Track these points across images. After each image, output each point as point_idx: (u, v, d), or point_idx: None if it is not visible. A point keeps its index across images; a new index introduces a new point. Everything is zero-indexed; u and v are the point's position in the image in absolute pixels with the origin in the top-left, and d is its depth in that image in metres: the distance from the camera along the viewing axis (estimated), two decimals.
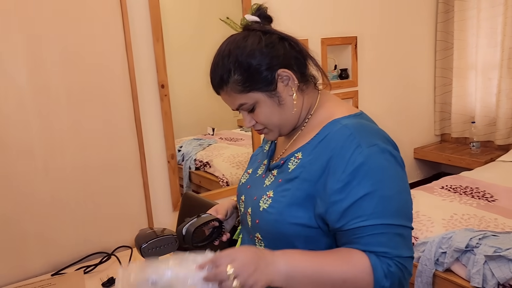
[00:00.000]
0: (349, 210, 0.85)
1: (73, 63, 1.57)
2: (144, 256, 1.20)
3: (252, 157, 1.22)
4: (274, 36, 0.95)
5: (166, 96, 2.35)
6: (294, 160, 0.97)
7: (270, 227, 0.95)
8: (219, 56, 0.95)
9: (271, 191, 0.97)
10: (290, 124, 1.00)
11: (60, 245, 1.60)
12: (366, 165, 0.85)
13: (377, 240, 0.84)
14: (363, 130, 0.90)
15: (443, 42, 3.70)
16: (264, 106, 0.95)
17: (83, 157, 1.61)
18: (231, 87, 0.93)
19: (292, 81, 0.95)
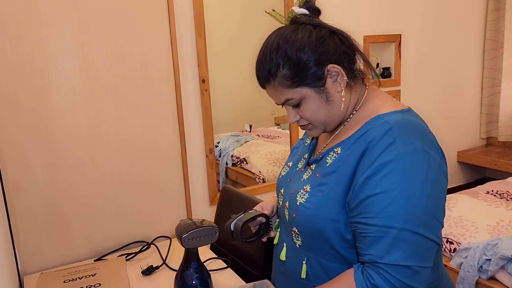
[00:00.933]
0: (363, 203, 0.84)
1: (120, 57, 1.61)
2: (184, 246, 1.21)
3: (293, 150, 1.20)
4: (324, 30, 0.92)
5: (206, 91, 2.37)
6: (332, 155, 0.95)
7: (307, 222, 0.94)
8: (267, 49, 0.93)
9: (308, 185, 0.96)
10: (336, 121, 0.97)
11: (103, 232, 1.65)
12: (394, 163, 0.82)
13: (377, 243, 0.82)
14: (404, 127, 0.87)
15: (492, 41, 3.55)
16: (311, 102, 0.93)
17: (127, 147, 1.66)
18: (278, 82, 0.91)
19: (341, 77, 0.92)
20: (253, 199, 1.63)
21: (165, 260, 1.53)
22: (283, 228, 1.08)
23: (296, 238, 1.00)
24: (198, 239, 1.22)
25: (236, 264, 1.55)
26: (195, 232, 1.21)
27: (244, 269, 1.53)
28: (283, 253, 1.06)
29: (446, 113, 3.48)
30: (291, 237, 1.02)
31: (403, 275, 0.80)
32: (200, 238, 1.23)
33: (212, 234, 1.25)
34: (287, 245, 1.05)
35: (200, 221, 1.27)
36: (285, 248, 1.05)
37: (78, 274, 1.44)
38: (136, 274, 1.46)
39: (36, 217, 1.54)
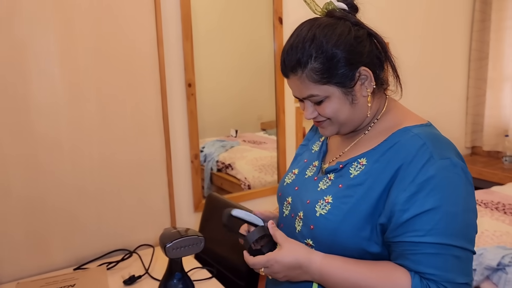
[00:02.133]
0: (410, 222, 0.80)
1: (105, 58, 1.57)
2: (168, 256, 1.17)
3: (297, 157, 1.15)
4: (363, 31, 0.89)
5: (192, 95, 2.34)
6: (357, 166, 0.91)
7: (327, 235, 0.88)
8: (299, 38, 0.87)
9: (329, 196, 0.91)
10: (354, 125, 0.93)
11: (83, 240, 1.59)
12: (437, 178, 0.79)
13: (429, 260, 0.79)
14: (436, 141, 0.85)
15: (478, 51, 3.59)
16: (336, 102, 0.88)
17: (110, 151, 1.61)
18: (306, 74, 0.86)
19: (369, 82, 0.89)
20: (239, 206, 1.59)
21: (148, 270, 1.48)
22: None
23: None
24: (182, 249, 1.19)
25: (221, 274, 1.51)
26: (179, 242, 1.18)
27: (229, 279, 1.50)
28: None
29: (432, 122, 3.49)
30: None
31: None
32: (185, 248, 1.19)
33: (197, 244, 1.21)
34: None
35: (184, 230, 1.24)
36: None
37: (56, 284, 1.38)
38: (118, 283, 1.41)
39: (13, 224, 1.48)
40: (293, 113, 2.78)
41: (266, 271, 0.90)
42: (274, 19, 2.56)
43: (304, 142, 1.17)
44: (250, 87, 2.74)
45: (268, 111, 2.79)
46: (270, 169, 2.80)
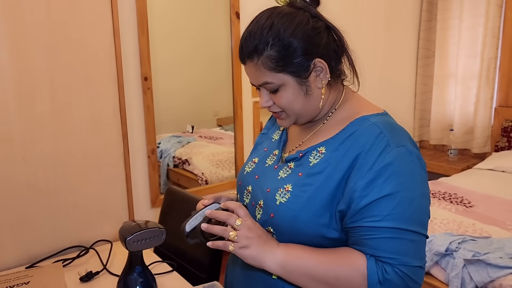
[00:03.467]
0: (367, 207, 0.82)
1: (58, 50, 1.50)
2: (129, 249, 1.15)
3: (257, 146, 1.16)
4: (321, 23, 0.90)
5: (149, 89, 2.30)
6: (316, 154, 0.92)
7: (288, 223, 0.90)
8: (257, 25, 0.88)
9: (289, 184, 0.92)
10: (310, 115, 0.95)
11: (35, 236, 1.52)
12: (394, 165, 0.82)
13: (385, 244, 0.82)
14: (392, 130, 0.87)
15: (425, 50, 3.77)
16: (290, 91, 0.90)
17: (65, 145, 1.55)
18: (262, 61, 0.87)
19: (324, 74, 0.90)
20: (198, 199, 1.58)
21: (106, 265, 1.44)
22: None
23: None
24: (143, 242, 1.17)
25: (182, 267, 1.50)
26: (140, 234, 1.16)
27: (190, 272, 1.49)
28: None
29: None
30: None
31: (416, 274, 0.83)
32: (146, 241, 1.17)
33: (159, 236, 1.19)
34: None
35: (144, 223, 1.22)
36: None
37: (8, 283, 1.31)
38: (74, 281, 1.36)
39: None
40: (250, 108, 2.80)
41: (240, 227, 0.87)
42: (231, 14, 2.56)
43: (264, 130, 1.18)
44: (207, 82, 2.73)
45: (225, 107, 2.79)
46: (227, 164, 2.81)
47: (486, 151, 3.50)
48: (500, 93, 3.43)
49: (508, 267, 1.79)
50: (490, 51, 3.31)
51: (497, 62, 3.37)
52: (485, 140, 3.48)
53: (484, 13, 3.31)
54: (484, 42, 3.33)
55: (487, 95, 3.40)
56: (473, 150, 3.53)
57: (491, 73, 3.36)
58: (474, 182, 2.90)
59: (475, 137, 3.49)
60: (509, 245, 1.93)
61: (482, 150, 3.50)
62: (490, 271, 1.81)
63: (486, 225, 2.22)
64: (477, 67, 3.42)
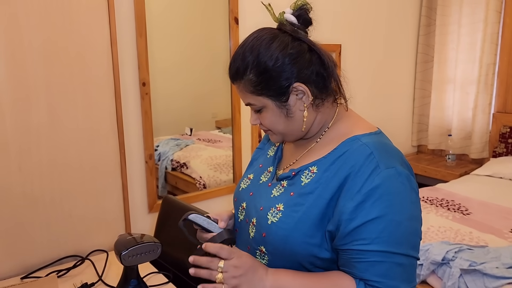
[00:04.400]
0: (356, 230, 0.82)
1: (55, 56, 1.49)
2: (124, 264, 1.14)
3: (253, 161, 1.16)
4: (303, 46, 0.90)
5: (147, 95, 2.29)
6: (308, 174, 0.92)
7: (279, 243, 0.90)
8: (243, 48, 0.90)
9: (281, 204, 0.92)
10: (296, 135, 0.96)
11: (31, 246, 1.52)
12: (382, 188, 0.82)
13: (374, 268, 0.82)
14: (383, 151, 0.87)
15: (424, 54, 3.76)
16: (271, 113, 0.92)
17: (61, 155, 1.54)
18: (244, 84, 0.90)
19: (306, 97, 0.90)
20: (195, 209, 1.58)
21: (101, 277, 1.44)
22: (242, 244, 1.03)
23: (261, 257, 0.95)
24: (138, 256, 1.16)
25: (177, 278, 1.50)
26: (135, 249, 1.15)
27: (186, 283, 1.48)
28: None
29: (381, 121, 3.63)
30: (253, 255, 0.97)
31: None
32: (141, 255, 1.16)
33: (154, 251, 1.19)
34: None
35: (140, 237, 1.21)
36: None
37: None
38: None
39: None
40: (248, 113, 2.79)
41: (226, 265, 0.86)
42: (230, 19, 2.55)
43: (260, 145, 1.18)
44: (205, 85, 2.72)
45: (223, 109, 2.78)
46: (226, 168, 2.80)
47: (484, 157, 3.50)
48: (498, 99, 3.43)
49: (505, 277, 1.79)
50: (488, 57, 3.31)
51: (495, 68, 3.37)
52: (483, 146, 3.48)
53: (483, 19, 3.31)
54: (483, 48, 3.32)
55: (485, 100, 3.40)
56: (471, 155, 3.53)
57: (489, 79, 3.35)
58: (471, 188, 2.90)
59: (473, 142, 3.49)
60: (506, 254, 1.93)
61: (480, 155, 3.50)
62: (487, 281, 1.81)
63: (483, 234, 2.22)
64: (476, 72, 3.42)
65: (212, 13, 2.63)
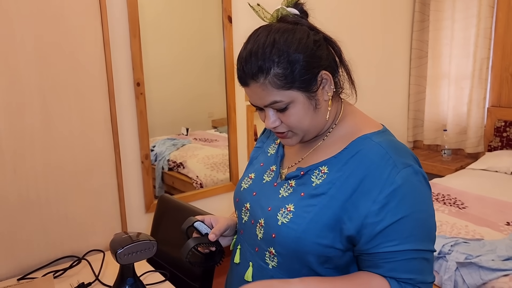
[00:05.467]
0: (383, 232, 0.82)
1: (47, 58, 1.49)
2: (120, 262, 1.15)
3: (252, 160, 1.13)
4: (320, 35, 0.89)
5: (141, 95, 2.29)
6: (318, 174, 0.90)
7: (290, 244, 0.87)
8: (258, 44, 0.84)
9: (291, 204, 0.89)
10: (317, 131, 0.93)
11: (27, 247, 1.52)
12: (404, 187, 0.81)
13: (405, 266, 0.82)
14: (396, 149, 0.86)
15: (418, 50, 3.77)
16: (300, 108, 0.87)
17: (55, 156, 1.54)
18: (270, 80, 0.83)
19: (329, 86, 0.88)
20: (191, 208, 1.59)
21: (98, 276, 1.44)
22: (249, 246, 1.00)
23: (271, 259, 0.93)
24: (134, 254, 1.16)
25: (174, 276, 1.50)
26: (131, 247, 1.15)
27: (183, 282, 1.49)
28: (248, 273, 0.98)
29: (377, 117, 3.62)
30: (263, 257, 0.95)
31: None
32: (137, 253, 1.17)
33: (150, 249, 1.19)
34: (253, 264, 0.97)
35: (136, 235, 1.21)
36: (251, 268, 0.98)
37: None
38: None
39: None
40: (244, 111, 2.80)
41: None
42: (224, 18, 2.56)
43: (258, 144, 1.16)
44: (201, 84, 2.73)
45: (219, 108, 2.79)
46: (222, 167, 2.81)
47: (480, 151, 3.51)
48: (492, 93, 3.45)
49: (500, 269, 1.80)
50: (482, 52, 3.32)
51: (489, 63, 3.39)
52: (478, 140, 3.49)
53: (476, 14, 3.32)
54: (477, 42, 3.34)
55: (479, 95, 3.41)
56: (466, 150, 3.54)
57: (483, 74, 3.37)
58: (467, 182, 2.91)
59: (468, 137, 3.50)
60: (501, 247, 1.95)
61: (476, 150, 3.51)
62: (483, 274, 1.82)
63: (479, 227, 2.23)
64: (470, 67, 3.43)
65: (205, 12, 2.63)
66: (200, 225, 1.06)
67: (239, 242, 1.05)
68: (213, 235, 1.03)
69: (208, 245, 1.03)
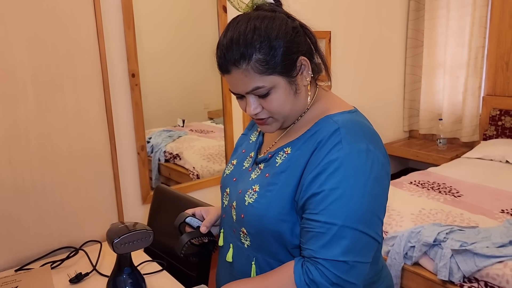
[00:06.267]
0: (308, 200, 0.85)
1: (41, 50, 1.48)
2: (116, 251, 1.15)
3: (237, 148, 1.17)
4: (296, 22, 0.93)
5: (136, 86, 2.29)
6: (282, 155, 0.95)
7: (256, 222, 0.93)
8: (238, 31, 0.86)
9: (257, 185, 0.95)
10: (296, 115, 0.96)
11: (24, 238, 1.52)
12: (339, 162, 0.83)
13: (316, 239, 0.84)
14: (350, 128, 0.88)
15: (413, 39, 3.77)
16: (281, 93, 0.89)
17: (51, 147, 1.54)
18: (252, 66, 0.85)
19: (307, 71, 0.92)
20: (188, 198, 1.59)
21: (95, 266, 1.45)
22: (228, 228, 1.05)
23: (245, 238, 0.98)
24: (131, 244, 1.17)
25: (171, 265, 1.51)
26: (127, 237, 1.16)
27: (180, 271, 1.50)
28: (229, 254, 1.03)
29: (372, 107, 3.65)
30: (239, 238, 1.00)
31: (340, 270, 0.82)
32: (134, 243, 1.17)
33: (146, 238, 1.20)
34: (233, 245, 1.03)
35: (132, 225, 1.22)
36: (232, 249, 1.03)
37: None
38: (64, 283, 1.37)
39: None
40: None
41: None
42: (218, 7, 2.54)
43: (245, 131, 1.19)
44: (196, 75, 2.72)
45: (215, 100, 2.78)
46: (218, 158, 2.81)
47: (475, 140, 3.53)
48: (488, 82, 3.46)
49: (494, 256, 1.82)
50: (477, 41, 3.32)
51: (484, 52, 3.39)
52: (473, 129, 3.51)
53: (472, 3, 3.32)
54: (472, 31, 3.34)
55: (475, 84, 3.42)
56: (462, 139, 3.56)
57: (478, 62, 3.37)
58: (462, 171, 2.93)
59: (463, 126, 3.52)
60: (496, 234, 1.97)
61: (471, 139, 3.53)
62: (477, 261, 1.84)
63: (474, 215, 2.25)
64: (465, 56, 3.43)
65: (200, 2, 2.61)
66: (191, 220, 1.11)
67: (222, 226, 1.09)
68: (204, 227, 1.09)
69: (201, 238, 1.08)
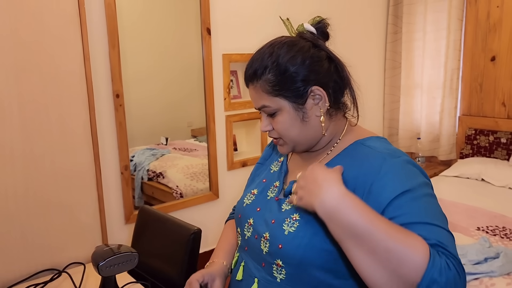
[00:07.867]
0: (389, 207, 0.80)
1: (27, 71, 1.50)
2: (102, 274, 1.16)
3: (254, 177, 1.16)
4: (322, 53, 0.93)
5: (121, 106, 2.30)
6: None
7: (298, 252, 0.87)
8: (260, 52, 0.94)
9: (296, 214, 0.91)
10: (307, 143, 0.96)
11: (7, 261, 1.51)
12: (394, 168, 0.84)
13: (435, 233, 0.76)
14: (387, 149, 0.89)
15: (391, 61, 3.88)
16: (286, 117, 0.92)
17: (35, 168, 1.54)
18: (261, 84, 0.92)
19: (323, 102, 0.92)
20: (172, 219, 1.60)
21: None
22: (253, 262, 1.00)
23: (279, 271, 0.92)
24: (116, 266, 1.18)
25: (155, 287, 1.52)
26: (113, 260, 1.17)
27: None
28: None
29: None
30: (270, 271, 0.94)
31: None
32: (119, 265, 1.19)
33: (131, 260, 1.21)
34: (259, 280, 0.96)
35: (117, 247, 1.23)
36: (257, 284, 0.96)
37: None
38: None
39: None
40: (223, 121, 2.83)
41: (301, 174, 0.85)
42: (202, 29, 2.59)
43: (261, 161, 1.19)
44: (180, 94, 2.75)
45: (198, 118, 2.81)
46: (202, 177, 2.82)
47: (452, 158, 3.63)
48: (463, 103, 3.58)
49: (471, 273, 1.87)
50: (452, 63, 3.45)
51: (459, 73, 3.52)
52: (450, 148, 3.61)
53: (446, 27, 3.45)
54: (447, 54, 3.46)
55: (451, 104, 3.54)
56: (439, 157, 3.66)
57: (454, 84, 3.49)
58: (440, 189, 3.00)
59: (441, 144, 3.62)
60: (472, 251, 2.02)
61: (448, 157, 3.63)
62: None
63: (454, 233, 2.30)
64: (441, 77, 3.55)
65: (184, 24, 2.66)
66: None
67: (243, 259, 1.04)
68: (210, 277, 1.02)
69: None
